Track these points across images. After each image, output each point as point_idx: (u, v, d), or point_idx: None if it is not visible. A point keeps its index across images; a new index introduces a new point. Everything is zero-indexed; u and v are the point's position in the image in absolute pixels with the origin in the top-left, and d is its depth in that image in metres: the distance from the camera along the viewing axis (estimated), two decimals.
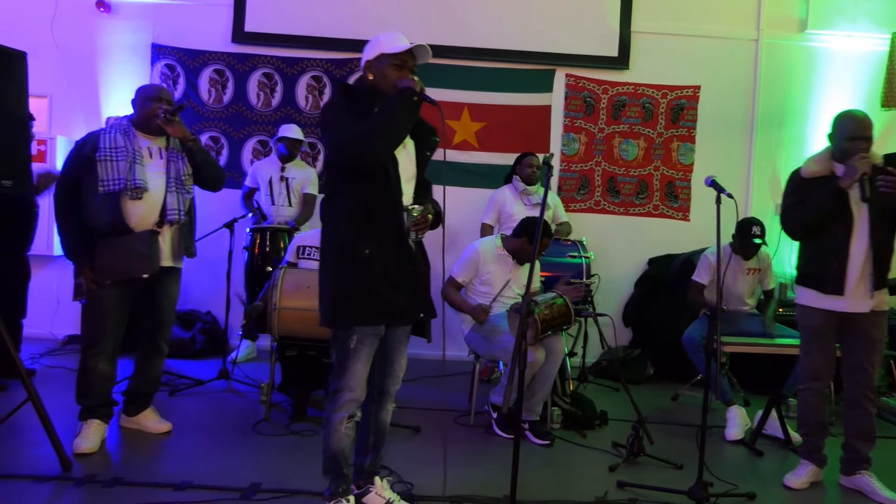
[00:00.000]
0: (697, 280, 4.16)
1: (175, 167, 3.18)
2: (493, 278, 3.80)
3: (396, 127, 2.29)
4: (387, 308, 2.36)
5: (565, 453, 3.47)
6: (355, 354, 2.36)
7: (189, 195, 3.25)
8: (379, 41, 2.40)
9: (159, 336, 3.33)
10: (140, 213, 3.08)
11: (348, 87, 2.46)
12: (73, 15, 5.35)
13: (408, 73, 2.37)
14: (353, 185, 2.34)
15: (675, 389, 4.65)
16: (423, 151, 2.52)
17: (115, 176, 3.02)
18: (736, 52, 5.51)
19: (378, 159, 2.29)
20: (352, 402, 2.40)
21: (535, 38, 5.45)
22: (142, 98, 3.16)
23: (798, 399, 3.20)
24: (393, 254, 2.36)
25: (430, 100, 2.33)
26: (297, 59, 5.47)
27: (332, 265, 2.39)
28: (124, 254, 3.06)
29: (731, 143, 5.54)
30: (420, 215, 2.39)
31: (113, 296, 3.11)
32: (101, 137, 3.07)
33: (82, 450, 3.03)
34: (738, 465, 3.44)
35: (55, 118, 5.38)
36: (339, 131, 2.29)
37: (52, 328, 5.18)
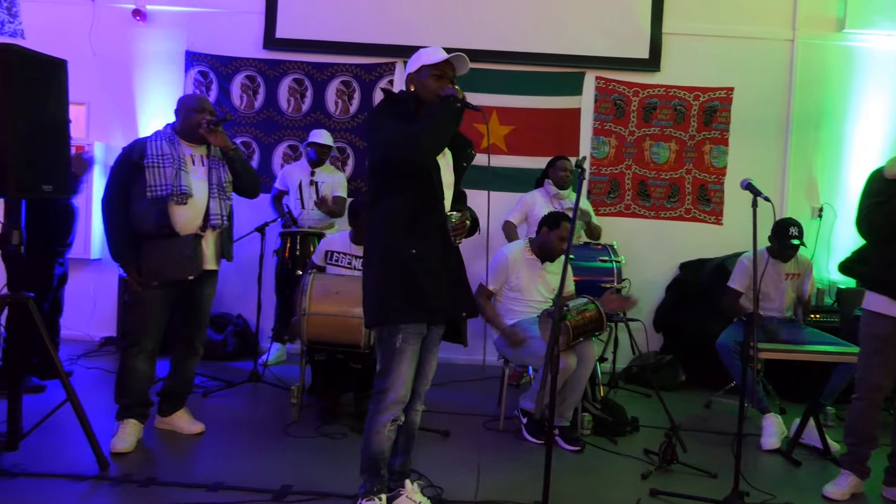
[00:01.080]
0: (733, 286, 4.06)
1: (217, 174, 3.30)
2: (521, 283, 3.78)
3: (442, 129, 2.36)
4: (432, 306, 2.42)
5: (596, 460, 3.43)
6: (400, 354, 2.40)
7: (229, 201, 3.38)
8: (420, 55, 2.50)
9: (196, 336, 3.43)
10: (185, 218, 3.20)
11: (393, 95, 2.55)
12: (110, 24, 5.47)
13: (448, 83, 2.45)
14: (399, 188, 2.40)
15: (707, 396, 4.56)
16: (461, 162, 2.61)
17: (163, 182, 3.14)
18: (771, 52, 5.41)
19: (426, 159, 2.37)
20: (397, 403, 2.43)
21: (564, 41, 5.42)
22: (185, 109, 3.27)
23: (851, 408, 3.07)
24: (437, 253, 2.43)
25: (473, 106, 2.42)
26: (326, 65, 5.52)
27: (379, 264, 2.44)
28: (170, 256, 3.17)
29: (766, 146, 5.43)
30: (458, 221, 2.48)
31: (156, 297, 3.22)
32: (149, 145, 3.19)
33: (118, 449, 3.11)
34: (775, 475, 3.36)
35: (93, 124, 5.50)
36: (388, 132, 2.37)
37: (89, 330, 5.29)
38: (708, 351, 4.18)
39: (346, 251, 3.90)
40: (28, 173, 2.76)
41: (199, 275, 3.24)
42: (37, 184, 2.81)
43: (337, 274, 3.78)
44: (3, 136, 2.69)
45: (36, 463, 2.91)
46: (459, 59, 2.46)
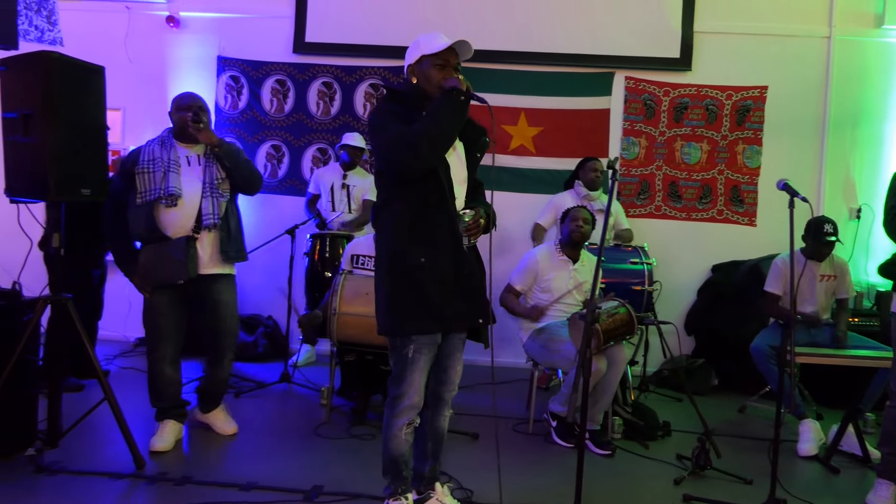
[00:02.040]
0: (770, 290, 3.98)
1: (210, 173, 3.22)
2: (552, 284, 3.75)
3: (444, 129, 2.23)
4: (443, 316, 2.33)
5: (627, 464, 3.39)
6: (413, 364, 2.35)
7: (224, 198, 3.24)
8: (419, 43, 2.35)
9: (220, 343, 3.34)
10: (176, 220, 3.15)
11: (395, 91, 2.42)
12: (145, 31, 5.58)
13: (451, 73, 2.31)
14: (405, 192, 2.31)
15: (741, 401, 4.48)
16: (474, 153, 2.47)
17: (151, 186, 3.13)
18: (806, 50, 5.29)
19: (427, 163, 2.25)
20: (411, 408, 2.40)
21: (593, 41, 5.37)
22: (175, 108, 3.24)
23: (886, 415, 2.99)
24: (448, 260, 2.32)
25: (478, 98, 2.27)
26: (355, 68, 5.55)
27: (387, 273, 2.36)
28: (160, 260, 3.14)
29: (801, 146, 5.32)
30: (472, 220, 2.34)
31: (164, 302, 3.21)
32: (142, 152, 3.20)
33: (156, 448, 3.16)
34: (813, 482, 3.29)
35: (128, 129, 5.62)
36: (387, 135, 2.26)
37: (125, 331, 5.39)
38: (741, 354, 4.11)
39: (370, 254, 3.92)
40: (67, 177, 2.83)
41: (193, 278, 3.15)
42: (76, 187, 2.88)
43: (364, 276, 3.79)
44: (43, 140, 2.77)
45: (75, 460, 2.98)
46: (462, 45, 2.30)
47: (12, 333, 2.91)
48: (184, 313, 3.29)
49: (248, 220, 5.30)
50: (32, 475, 2.82)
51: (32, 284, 3.21)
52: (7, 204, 2.99)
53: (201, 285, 3.23)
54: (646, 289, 4.20)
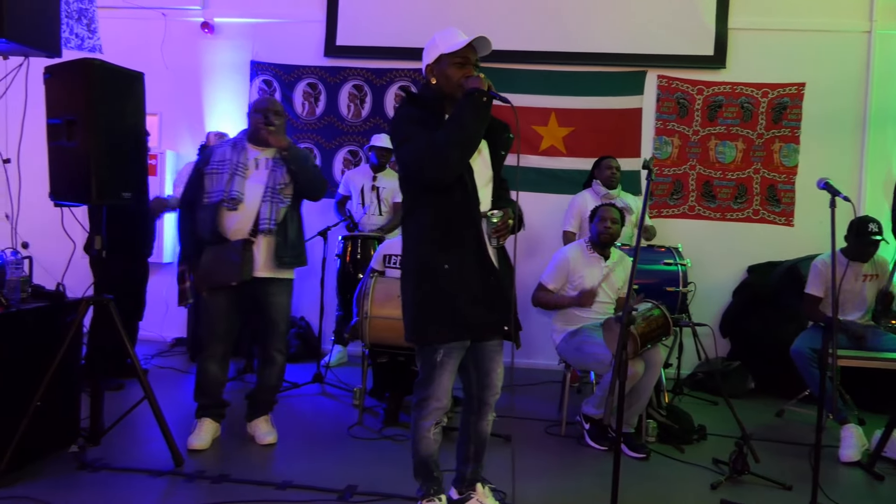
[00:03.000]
0: (811, 292, 3.89)
1: (273, 177, 3.23)
2: (585, 282, 3.72)
3: (470, 134, 2.20)
4: (469, 324, 2.31)
5: (662, 468, 3.34)
6: (441, 367, 2.34)
7: (283, 204, 3.24)
8: (436, 42, 2.31)
9: (270, 345, 3.37)
10: (235, 223, 3.19)
11: (414, 95, 2.39)
12: (180, 37, 5.69)
13: (471, 71, 2.26)
14: (430, 199, 2.29)
15: (778, 405, 4.38)
16: (498, 151, 2.42)
17: (217, 188, 3.18)
18: (845, 45, 5.17)
19: (455, 172, 2.23)
20: (438, 410, 2.40)
21: (625, 40, 5.32)
22: (251, 110, 3.29)
23: None
24: (473, 266, 2.30)
25: (501, 97, 2.23)
26: (385, 70, 5.58)
27: (412, 281, 2.35)
28: (217, 262, 3.19)
29: (841, 144, 5.19)
30: (500, 221, 2.30)
31: (219, 302, 3.25)
32: (215, 152, 3.26)
33: (194, 446, 3.21)
34: (855, 489, 3.20)
35: (165, 134, 5.73)
36: (413, 146, 2.22)
37: (162, 331, 5.51)
38: (779, 357, 4.03)
39: None
40: (109, 181, 2.90)
41: (247, 280, 3.17)
42: (117, 191, 2.95)
43: (396, 277, 3.80)
44: (85, 145, 2.84)
45: (116, 457, 3.04)
46: (480, 41, 2.25)
47: (56, 334, 2.99)
48: (237, 317, 3.33)
49: None
50: (75, 471, 2.90)
51: (75, 286, 3.29)
52: (52, 207, 3.07)
53: (256, 287, 3.26)
54: (680, 290, 4.14)
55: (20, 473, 2.80)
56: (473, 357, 2.46)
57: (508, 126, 2.40)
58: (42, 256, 3.55)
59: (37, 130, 3.09)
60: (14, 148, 3.08)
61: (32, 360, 2.88)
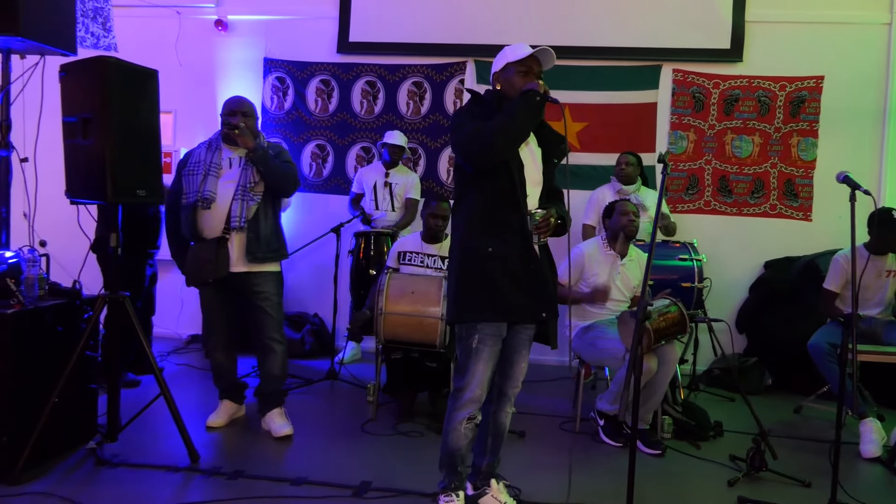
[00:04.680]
0: (828, 287, 3.85)
1: (245, 176, 3.31)
2: (599, 280, 3.70)
3: (516, 124, 2.33)
4: (508, 306, 2.39)
5: (678, 464, 3.31)
6: (477, 354, 2.40)
7: (254, 202, 3.30)
8: (505, 53, 2.49)
9: (264, 336, 3.43)
10: (210, 222, 3.31)
11: (479, 96, 2.54)
12: (194, 34, 5.71)
13: (533, 79, 2.42)
14: (480, 185, 2.41)
15: (796, 401, 4.33)
16: (551, 158, 2.55)
17: (192, 188, 3.29)
18: (865, 37, 5.07)
19: (498, 156, 2.34)
20: (472, 401, 2.43)
21: (640, 34, 5.27)
22: (222, 112, 3.38)
23: None
24: (516, 253, 2.40)
25: (553, 99, 2.37)
26: (398, 66, 5.57)
27: (457, 261, 2.46)
28: (195, 260, 3.34)
29: (860, 137, 5.11)
30: (542, 219, 2.40)
31: (210, 296, 3.44)
32: (192, 154, 3.39)
33: (210, 423, 3.49)
34: (875, 486, 3.16)
35: (179, 132, 5.77)
36: (464, 131, 2.38)
37: (177, 328, 5.55)
38: (796, 354, 3.98)
39: (418, 250, 3.93)
40: (124, 179, 2.91)
41: (224, 277, 3.29)
42: (132, 189, 2.97)
43: (411, 273, 3.80)
44: (101, 143, 2.85)
45: (133, 454, 3.07)
46: (545, 53, 2.43)
47: (73, 331, 3.02)
48: (231, 307, 3.48)
49: (294, 219, 5.44)
50: (93, 467, 2.93)
51: (92, 283, 3.33)
52: (67, 205, 3.09)
53: (238, 282, 3.37)
54: (695, 286, 4.10)
55: (38, 470, 2.83)
56: (503, 346, 2.48)
57: (564, 138, 2.53)
58: (59, 254, 3.58)
59: (53, 129, 3.11)
60: (31, 146, 3.11)
61: (50, 358, 2.91)
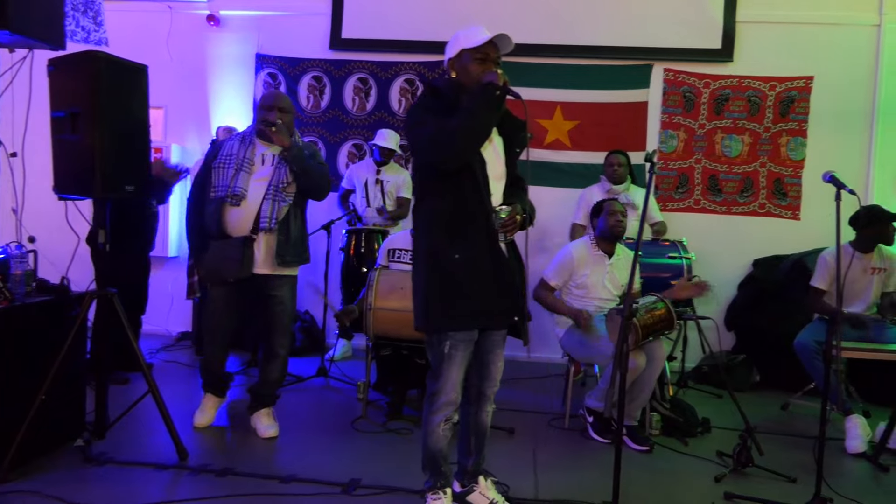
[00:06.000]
0: (816, 285, 3.89)
1: (278, 175, 3.23)
2: (588, 280, 3.71)
3: (479, 123, 2.23)
4: (478, 313, 2.33)
5: (666, 461, 3.34)
6: (450, 360, 2.36)
7: (286, 203, 3.23)
8: (458, 38, 2.35)
9: (272, 340, 3.39)
10: (238, 220, 3.20)
11: (434, 87, 2.42)
12: (186, 30, 5.68)
13: (491, 66, 2.29)
14: (442, 187, 2.31)
15: (783, 398, 4.37)
16: (513, 148, 2.44)
17: (222, 183, 3.20)
18: (854, 38, 5.12)
19: (462, 157, 2.26)
20: (448, 405, 2.41)
21: (631, 33, 5.29)
22: (258, 106, 3.31)
23: None
24: (484, 256, 2.32)
25: (514, 93, 2.25)
26: (391, 63, 5.57)
27: (423, 269, 2.38)
28: (219, 257, 3.22)
29: (849, 137, 5.15)
30: (508, 217, 2.32)
31: (221, 295, 3.32)
32: (224, 146, 3.28)
33: (196, 423, 3.43)
34: (860, 481, 3.19)
35: (170, 127, 5.74)
36: (423, 131, 2.27)
37: (167, 325, 5.53)
38: (784, 351, 4.01)
39: (408, 248, 3.93)
40: (112, 174, 2.90)
41: (247, 277, 3.20)
42: (120, 184, 2.96)
43: (401, 270, 3.81)
44: (90, 139, 2.84)
45: (121, 451, 3.05)
46: (502, 38, 2.28)
47: (61, 327, 3.00)
48: (238, 308, 3.38)
49: None
50: (81, 465, 2.91)
51: (80, 279, 3.30)
52: (56, 201, 3.08)
53: (258, 284, 3.27)
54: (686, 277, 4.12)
55: (26, 468, 2.81)
56: (476, 348, 2.46)
57: (525, 124, 2.41)
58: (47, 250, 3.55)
59: (41, 124, 3.09)
60: (19, 141, 3.09)
61: (37, 354, 2.89)
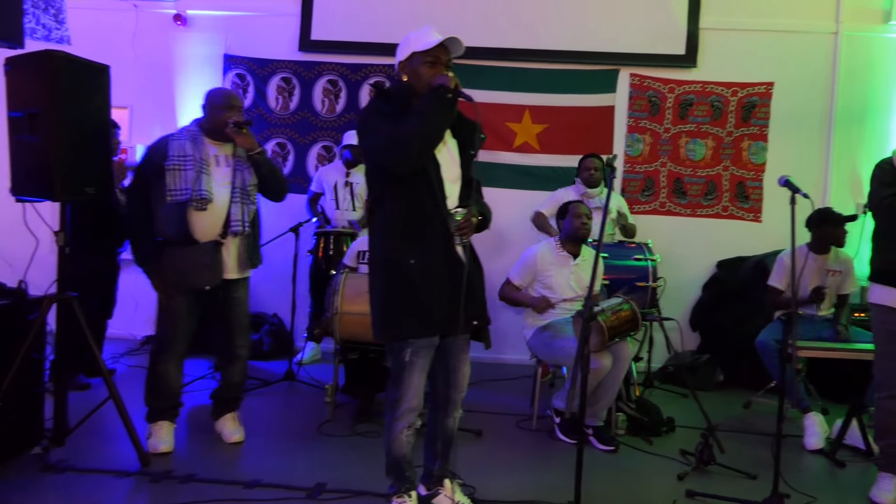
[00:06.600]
0: (773, 284, 4.00)
1: (241, 177, 3.15)
2: (553, 281, 3.75)
3: (432, 126, 2.22)
4: (437, 319, 2.31)
5: (631, 460, 3.39)
6: (411, 367, 2.35)
7: (253, 206, 3.20)
8: (409, 40, 2.34)
9: (234, 343, 3.31)
10: (205, 224, 3.08)
11: (385, 91, 2.41)
12: (152, 29, 5.60)
13: (442, 70, 2.29)
14: (396, 192, 2.29)
15: (747, 396, 4.47)
16: (467, 150, 2.43)
17: (183, 186, 3.02)
18: (813, 46, 5.27)
19: (416, 162, 2.24)
20: (410, 411, 2.41)
21: (598, 39, 5.36)
22: (211, 105, 3.15)
23: (878, 408, 3.00)
24: (440, 261, 2.31)
25: (465, 96, 2.25)
26: (360, 66, 5.56)
27: (379, 276, 2.36)
28: (189, 265, 3.07)
29: (808, 142, 5.29)
30: (463, 219, 2.31)
31: (184, 304, 3.15)
32: (171, 144, 3.07)
33: (161, 450, 3.11)
34: (818, 476, 3.29)
35: (135, 127, 5.65)
36: (376, 136, 2.25)
37: (132, 329, 5.43)
38: (747, 350, 4.10)
39: None
40: (72, 176, 2.84)
41: (220, 284, 3.12)
42: (80, 186, 2.90)
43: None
44: (48, 140, 2.78)
45: (81, 458, 2.99)
46: (453, 41, 2.28)
47: (18, 332, 2.92)
48: (198, 317, 3.23)
49: None
50: (40, 473, 2.84)
51: (41, 282, 3.22)
52: (13, 203, 3.00)
53: (221, 288, 3.19)
54: (650, 285, 4.20)
55: None
56: (440, 355, 2.47)
57: (478, 125, 2.37)
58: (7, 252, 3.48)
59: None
60: None
61: None
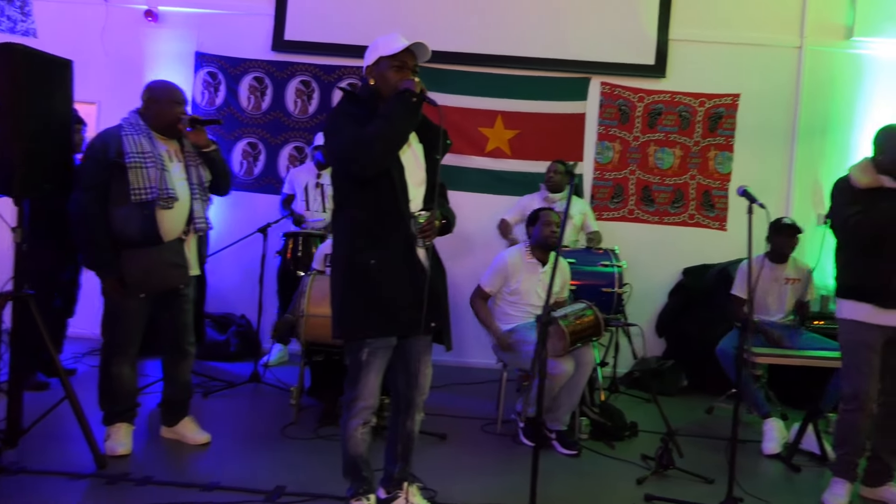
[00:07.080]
0: (736, 293, 4.08)
1: (196, 173, 3.09)
2: (521, 287, 3.78)
3: (396, 130, 2.25)
4: (395, 320, 2.33)
5: (592, 464, 3.42)
6: (367, 367, 2.36)
7: (211, 202, 3.18)
8: (377, 45, 2.36)
9: (183, 340, 3.24)
10: (170, 222, 2.99)
11: (352, 94, 2.43)
12: (122, 24, 5.52)
13: (408, 74, 2.32)
14: (360, 194, 2.31)
15: (709, 402, 4.54)
16: (433, 155, 2.44)
17: (148, 184, 2.89)
18: (778, 59, 5.39)
19: (379, 164, 2.26)
20: (365, 409, 2.42)
21: (570, 47, 5.42)
22: (157, 100, 3.03)
23: (841, 418, 3.06)
24: (401, 263, 2.32)
25: (430, 100, 2.28)
26: (334, 67, 5.55)
27: (339, 277, 2.37)
28: (156, 265, 2.97)
29: (772, 153, 5.42)
30: (426, 222, 2.33)
31: (138, 306, 3.05)
32: (126, 140, 2.90)
33: (119, 452, 3.04)
34: (773, 481, 3.35)
35: (103, 123, 5.54)
36: (341, 137, 2.27)
37: (94, 328, 5.29)
38: (711, 356, 4.17)
39: None
40: (32, 172, 2.79)
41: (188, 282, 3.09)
42: (39, 183, 2.85)
43: None
44: (8, 135, 2.73)
45: (35, 460, 2.93)
46: (420, 47, 2.32)
47: None
48: (147, 316, 3.14)
49: (223, 218, 5.33)
50: None
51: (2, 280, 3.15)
52: None
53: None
54: (615, 291, 4.25)
55: None
56: (402, 357, 2.48)
57: (444, 131, 2.38)
58: None
59: None
60: None
61: None
